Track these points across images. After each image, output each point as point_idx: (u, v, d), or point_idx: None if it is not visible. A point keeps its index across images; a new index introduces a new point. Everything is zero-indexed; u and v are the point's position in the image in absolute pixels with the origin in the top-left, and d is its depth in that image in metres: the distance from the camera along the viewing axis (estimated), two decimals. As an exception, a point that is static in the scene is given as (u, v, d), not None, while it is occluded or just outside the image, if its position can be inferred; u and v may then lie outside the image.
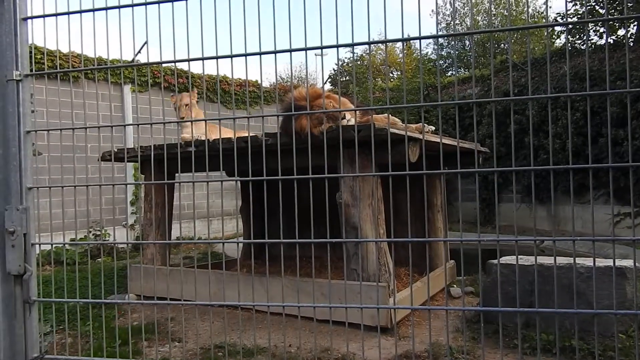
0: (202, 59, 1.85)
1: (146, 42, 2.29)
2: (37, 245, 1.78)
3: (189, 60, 1.88)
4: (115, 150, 5.42)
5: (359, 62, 25.53)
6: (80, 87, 8.88)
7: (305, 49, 1.90)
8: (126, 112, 9.33)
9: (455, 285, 5.66)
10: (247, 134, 5.03)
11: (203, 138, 5.27)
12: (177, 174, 6.06)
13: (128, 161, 6.79)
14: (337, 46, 1.78)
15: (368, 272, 4.24)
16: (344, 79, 24.65)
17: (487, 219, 11.58)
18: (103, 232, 8.56)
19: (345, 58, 26.00)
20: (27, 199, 1.76)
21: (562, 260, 3.95)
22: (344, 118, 4.02)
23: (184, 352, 3.97)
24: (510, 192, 11.28)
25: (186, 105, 5.72)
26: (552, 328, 3.62)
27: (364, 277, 4.23)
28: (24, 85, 1.75)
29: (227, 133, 5.99)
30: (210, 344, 3.99)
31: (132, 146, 6.06)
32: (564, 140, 9.93)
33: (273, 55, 1.93)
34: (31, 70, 1.81)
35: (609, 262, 3.82)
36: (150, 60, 2.13)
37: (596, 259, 4.45)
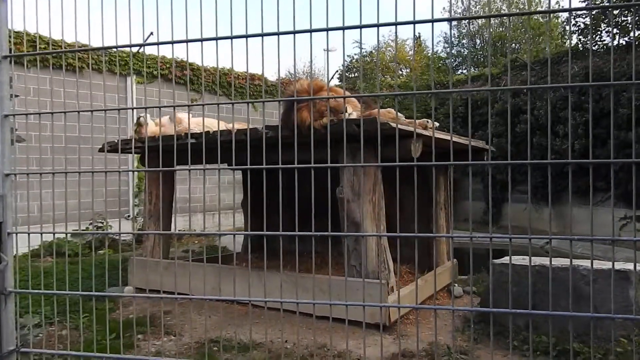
0: (185, 41, 1.78)
1: (152, 33, 2.22)
2: (15, 235, 1.71)
3: (173, 42, 1.80)
4: (115, 141, 5.37)
5: (367, 59, 25.39)
6: (85, 77, 8.86)
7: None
8: (129, 104, 9.30)
9: (456, 285, 5.57)
10: (252, 127, 4.95)
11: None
12: (184, 167, 6.01)
13: (126, 153, 6.75)
14: (327, 30, 1.71)
15: (367, 269, 4.16)
16: (352, 75, 24.51)
17: (494, 218, 11.46)
18: (105, 224, 8.54)
19: (354, 55, 25.85)
20: (4, 186, 1.69)
21: (565, 262, 3.85)
22: (346, 111, 3.94)
23: (178, 346, 3.92)
24: (517, 192, 11.14)
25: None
26: (555, 330, 3.53)
27: (363, 274, 4.15)
28: (2, 67, 1.68)
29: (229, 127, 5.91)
30: (205, 338, 3.93)
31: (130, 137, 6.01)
32: (571, 141, 9.79)
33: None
34: (10, 52, 1.74)
35: (616, 265, 3.72)
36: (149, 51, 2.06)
37: (601, 261, 4.35)
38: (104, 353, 3.60)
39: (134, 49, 9.29)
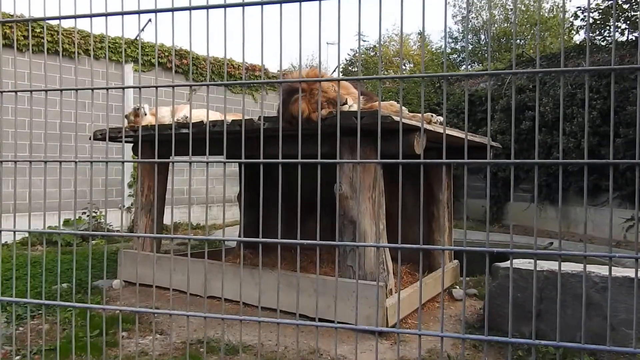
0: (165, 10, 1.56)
1: (150, 21, 2.01)
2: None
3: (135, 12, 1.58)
4: (105, 129, 5.15)
5: (371, 52, 25.11)
6: (80, 64, 8.63)
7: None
8: (126, 92, 9.07)
9: (457, 287, 5.37)
10: (248, 118, 4.75)
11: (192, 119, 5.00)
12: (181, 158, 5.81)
13: (120, 141, 6.53)
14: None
15: (365, 269, 3.96)
16: (355, 69, 24.22)
17: (495, 217, 11.24)
18: (99, 214, 8.34)
19: (357, 49, 25.52)
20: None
21: (575, 267, 3.65)
22: (345, 103, 3.73)
23: (163, 346, 3.73)
24: (520, 191, 10.91)
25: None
26: (564, 339, 3.32)
27: (360, 275, 3.95)
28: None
29: (230, 116, 5.70)
30: (189, 338, 3.74)
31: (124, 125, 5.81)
32: (578, 139, 9.57)
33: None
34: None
35: (627, 272, 3.51)
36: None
37: (613, 267, 4.14)
38: (83, 352, 3.42)
39: (133, 36, 9.06)
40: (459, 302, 4.92)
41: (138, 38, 8.04)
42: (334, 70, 14.98)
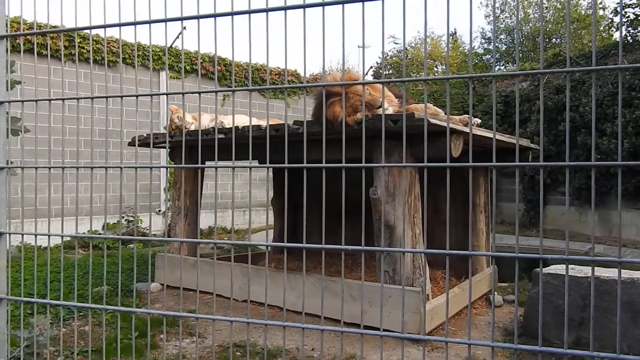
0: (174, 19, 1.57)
1: (184, 28, 2.05)
2: (8, 235, 1.55)
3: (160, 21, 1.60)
4: (145, 135, 5.27)
5: (401, 55, 24.88)
6: (118, 72, 8.84)
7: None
8: (162, 99, 9.25)
9: (496, 293, 5.25)
10: (282, 123, 4.79)
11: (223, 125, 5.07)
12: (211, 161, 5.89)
13: (158, 147, 6.66)
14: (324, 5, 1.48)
15: (401, 274, 3.91)
16: (387, 72, 24.09)
17: (533, 221, 10.97)
18: (136, 218, 8.52)
19: (388, 51, 25.40)
20: (-4, 179, 1.53)
21: (623, 274, 3.52)
22: (380, 107, 3.70)
23: (200, 350, 3.77)
24: (559, 194, 10.63)
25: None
26: (608, 349, 3.21)
27: (396, 280, 3.91)
28: (-2, 48, 1.52)
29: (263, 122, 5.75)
30: (230, 342, 3.76)
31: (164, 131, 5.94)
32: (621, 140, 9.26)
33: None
34: (7, 32, 1.58)
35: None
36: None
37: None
38: (123, 354, 3.49)
39: (169, 43, 9.24)
40: (497, 308, 4.82)
41: (174, 46, 8.11)
42: (366, 73, 14.93)
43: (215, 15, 1.53)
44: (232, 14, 1.51)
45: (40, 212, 6.12)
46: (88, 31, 1.84)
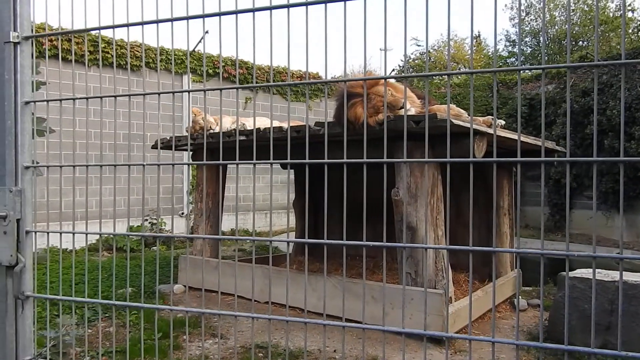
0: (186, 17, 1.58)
1: (207, 32, 2.08)
2: (34, 234, 1.58)
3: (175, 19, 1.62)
4: (167, 138, 5.34)
5: (424, 57, 24.75)
6: (140, 76, 8.99)
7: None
8: (184, 102, 9.36)
9: (520, 297, 5.17)
10: (303, 124, 4.81)
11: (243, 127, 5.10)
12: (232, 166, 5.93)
13: (181, 149, 6.73)
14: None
15: (423, 276, 3.88)
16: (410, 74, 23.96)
17: (558, 225, 10.76)
18: (159, 220, 8.63)
19: (411, 54, 25.30)
20: (23, 179, 1.55)
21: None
22: (402, 107, 3.68)
23: (223, 350, 3.79)
24: (585, 199, 10.41)
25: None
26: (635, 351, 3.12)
27: (418, 282, 3.88)
28: (23, 49, 1.54)
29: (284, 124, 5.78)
30: (252, 342, 3.78)
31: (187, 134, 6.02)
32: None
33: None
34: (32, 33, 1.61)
35: None
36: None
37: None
38: (147, 354, 3.53)
39: (191, 47, 9.36)
40: (521, 312, 4.74)
41: (197, 50, 8.18)
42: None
43: (236, 12, 1.55)
44: (253, 10, 1.52)
45: (65, 215, 6.24)
46: (112, 36, 1.88)
